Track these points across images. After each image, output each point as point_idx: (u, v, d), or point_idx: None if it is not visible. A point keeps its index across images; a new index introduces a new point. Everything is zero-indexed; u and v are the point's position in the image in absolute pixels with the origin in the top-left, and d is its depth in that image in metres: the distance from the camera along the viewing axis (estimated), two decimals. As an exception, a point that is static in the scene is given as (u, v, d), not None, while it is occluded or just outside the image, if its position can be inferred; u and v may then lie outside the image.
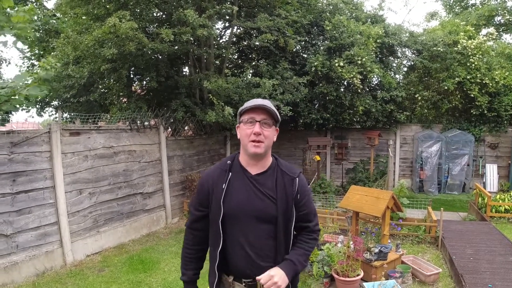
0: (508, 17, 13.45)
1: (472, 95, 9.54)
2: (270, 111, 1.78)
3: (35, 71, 4.29)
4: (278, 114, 1.84)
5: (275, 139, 1.87)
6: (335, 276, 4.40)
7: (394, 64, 10.91)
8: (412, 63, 10.79)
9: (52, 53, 8.18)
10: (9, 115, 4.87)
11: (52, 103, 10.73)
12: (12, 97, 3.88)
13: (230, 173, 1.84)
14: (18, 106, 4.10)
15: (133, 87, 9.59)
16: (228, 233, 1.81)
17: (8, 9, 3.84)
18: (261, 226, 1.79)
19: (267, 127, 1.79)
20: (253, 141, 1.76)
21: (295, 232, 1.90)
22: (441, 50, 9.74)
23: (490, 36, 10.32)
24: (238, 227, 1.80)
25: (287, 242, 1.85)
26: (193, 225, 1.95)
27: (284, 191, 1.83)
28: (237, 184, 1.82)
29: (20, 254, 4.76)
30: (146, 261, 5.52)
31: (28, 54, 11.24)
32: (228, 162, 1.89)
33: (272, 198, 1.81)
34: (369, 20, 10.68)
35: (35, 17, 9.71)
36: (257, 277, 1.74)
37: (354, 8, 10.81)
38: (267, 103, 1.80)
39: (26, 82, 4.01)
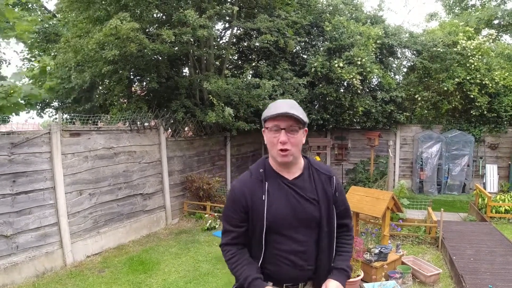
0: (507, 18, 13.45)
1: (472, 96, 9.54)
2: (296, 118, 1.65)
3: (32, 68, 4.41)
4: (305, 116, 1.71)
5: (304, 141, 1.77)
6: (335, 276, 4.39)
7: (394, 65, 10.91)
8: (412, 63, 10.79)
9: (54, 60, 8.19)
10: (10, 115, 4.91)
11: (52, 104, 10.74)
12: (11, 95, 3.92)
13: (267, 183, 1.73)
14: (16, 109, 4.14)
15: (133, 88, 9.60)
16: (271, 242, 1.73)
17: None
18: (305, 230, 1.75)
19: (294, 133, 1.67)
20: (281, 150, 1.66)
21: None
22: (441, 50, 9.75)
23: (490, 36, 10.33)
24: (282, 235, 1.73)
25: (331, 241, 1.82)
26: (234, 241, 1.79)
27: (324, 192, 1.79)
28: (277, 193, 1.73)
29: (20, 255, 4.76)
30: (146, 262, 5.52)
31: (28, 56, 11.25)
32: (261, 170, 1.76)
33: (315, 201, 1.76)
34: (369, 20, 10.68)
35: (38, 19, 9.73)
36: None
37: (354, 9, 10.82)
38: (293, 108, 1.66)
39: (23, 80, 4.09)
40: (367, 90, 10.37)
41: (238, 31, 10.04)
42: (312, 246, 1.78)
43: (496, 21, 13.84)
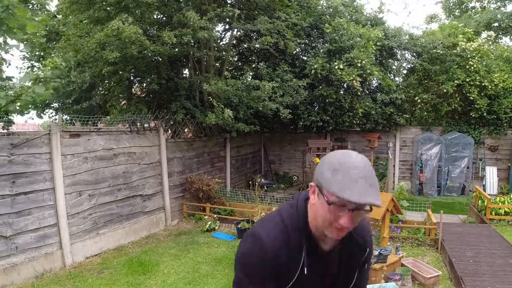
0: (507, 21, 13.48)
1: (472, 98, 9.56)
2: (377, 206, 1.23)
3: (40, 70, 4.39)
4: (380, 199, 1.28)
5: None
6: (335, 278, 4.38)
7: (394, 67, 10.94)
8: (412, 65, 10.81)
9: (52, 55, 8.20)
10: (11, 116, 4.95)
11: (52, 105, 10.73)
12: (19, 97, 3.93)
13: (304, 253, 1.36)
14: (23, 110, 4.15)
15: (133, 89, 9.60)
16: None
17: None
18: None
19: (362, 213, 1.27)
20: (337, 228, 1.27)
21: None
22: (441, 52, 9.77)
23: (489, 38, 10.35)
24: None
25: None
26: None
27: (350, 265, 1.49)
28: (311, 268, 1.39)
29: (19, 256, 4.75)
30: (145, 263, 5.51)
31: (28, 55, 11.25)
32: (298, 234, 1.36)
33: (335, 277, 1.49)
34: (369, 22, 10.71)
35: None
36: None
37: (354, 10, 10.84)
38: (373, 186, 1.21)
39: (31, 81, 4.09)
40: (367, 92, 10.38)
41: (238, 33, 10.05)
42: None
43: (495, 24, 13.87)
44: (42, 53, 10.57)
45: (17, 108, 4.04)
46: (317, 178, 1.29)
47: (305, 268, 1.36)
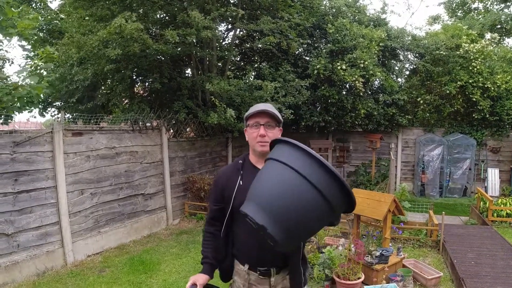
0: (511, 22, 13.43)
1: (474, 99, 9.53)
2: (272, 114, 2.01)
3: (35, 62, 4.45)
4: (279, 116, 2.07)
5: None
6: (336, 279, 4.39)
7: (396, 68, 10.91)
8: (414, 66, 10.79)
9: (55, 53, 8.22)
10: (13, 114, 4.96)
11: (54, 104, 10.77)
12: (14, 90, 3.95)
13: (242, 171, 2.07)
14: (21, 107, 4.17)
15: (135, 89, 9.61)
16: (242, 224, 1.95)
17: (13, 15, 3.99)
18: None
19: (270, 128, 2.02)
20: (260, 141, 2.00)
21: None
22: (443, 53, 9.74)
23: (492, 40, 10.31)
24: None
25: None
26: (212, 219, 2.14)
27: None
28: (249, 181, 1.98)
29: (21, 254, 4.77)
30: (146, 262, 5.52)
31: (31, 54, 11.29)
32: (240, 161, 2.13)
33: None
34: (372, 23, 10.68)
35: (40, 18, 9.76)
36: None
37: (357, 11, 10.82)
38: (269, 107, 2.03)
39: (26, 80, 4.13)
40: (369, 92, 10.36)
41: (241, 33, 10.05)
42: None
43: (499, 26, 13.83)
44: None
45: (15, 101, 4.05)
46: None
47: (241, 181, 2.01)
